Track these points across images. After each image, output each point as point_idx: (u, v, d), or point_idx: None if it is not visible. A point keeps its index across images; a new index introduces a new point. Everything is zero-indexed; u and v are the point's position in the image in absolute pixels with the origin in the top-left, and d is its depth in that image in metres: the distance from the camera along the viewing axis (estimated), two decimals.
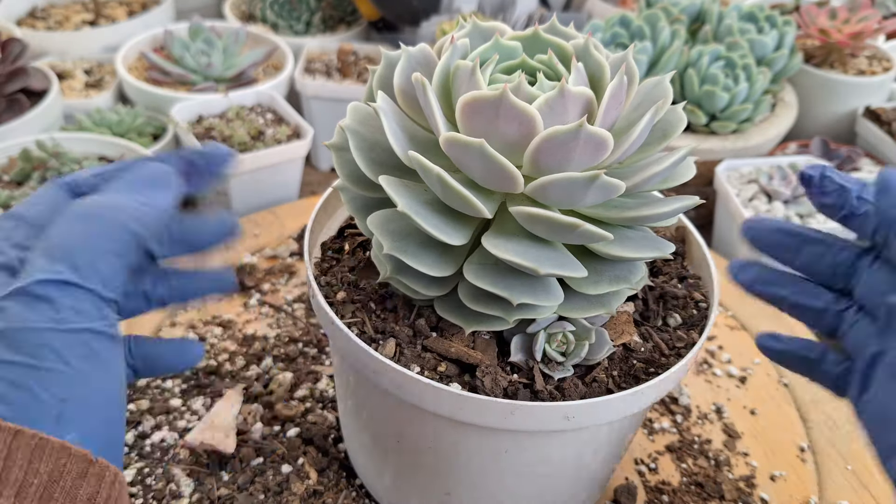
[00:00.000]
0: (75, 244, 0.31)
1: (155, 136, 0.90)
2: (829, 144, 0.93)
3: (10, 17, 1.08)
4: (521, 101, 0.34)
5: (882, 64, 1.03)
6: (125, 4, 1.18)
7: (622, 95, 0.36)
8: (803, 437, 0.61)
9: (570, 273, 0.36)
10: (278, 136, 0.87)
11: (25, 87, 0.85)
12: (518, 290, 0.37)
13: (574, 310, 0.39)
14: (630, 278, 0.39)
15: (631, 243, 0.39)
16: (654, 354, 0.42)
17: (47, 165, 0.73)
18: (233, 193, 0.85)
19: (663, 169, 0.36)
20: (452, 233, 0.37)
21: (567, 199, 0.37)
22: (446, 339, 0.40)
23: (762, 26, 0.93)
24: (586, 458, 0.44)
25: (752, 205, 0.82)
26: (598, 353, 0.40)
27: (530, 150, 0.35)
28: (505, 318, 0.38)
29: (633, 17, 0.91)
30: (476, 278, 0.37)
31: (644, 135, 0.37)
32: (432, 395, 0.37)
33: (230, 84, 0.98)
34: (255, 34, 1.08)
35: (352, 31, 1.18)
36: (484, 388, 0.38)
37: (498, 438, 0.40)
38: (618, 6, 1.17)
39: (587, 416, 0.38)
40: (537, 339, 0.39)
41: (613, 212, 0.38)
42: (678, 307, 0.46)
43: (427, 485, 0.46)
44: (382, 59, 0.41)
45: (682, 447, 0.59)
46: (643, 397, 0.39)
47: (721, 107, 0.86)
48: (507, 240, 0.37)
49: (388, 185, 0.36)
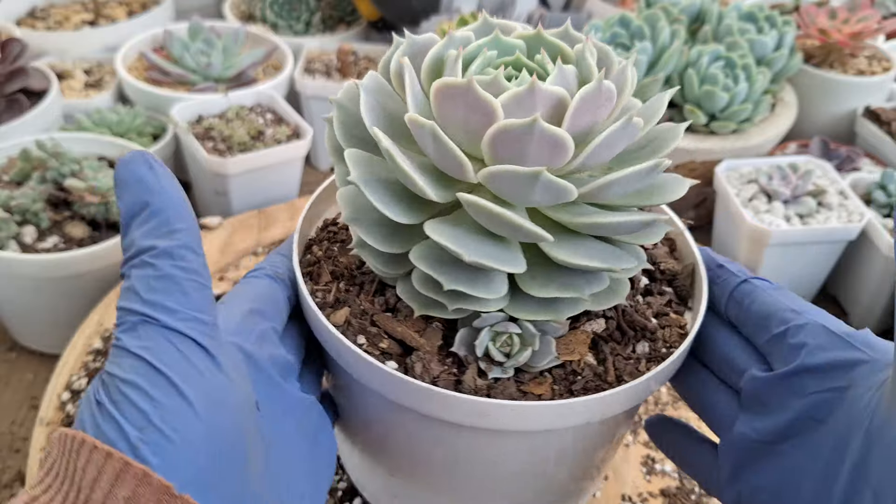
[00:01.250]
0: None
1: (155, 137, 0.90)
2: (828, 144, 0.93)
3: (9, 17, 1.08)
4: (485, 91, 0.34)
5: (882, 64, 1.03)
6: (125, 4, 1.18)
7: (600, 101, 0.35)
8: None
9: (499, 265, 0.36)
10: (278, 136, 0.87)
11: (25, 87, 0.85)
12: (452, 277, 0.37)
13: (521, 310, 0.39)
14: (583, 288, 0.38)
15: (582, 251, 0.37)
16: (599, 381, 0.40)
17: (47, 165, 0.73)
18: (232, 193, 0.85)
19: (623, 177, 0.35)
20: (400, 212, 0.37)
21: (514, 194, 0.36)
22: (398, 320, 0.41)
23: (762, 26, 0.93)
24: (511, 464, 0.43)
25: (752, 205, 0.82)
26: (540, 362, 0.39)
27: (485, 141, 0.35)
28: (447, 305, 0.38)
29: (633, 17, 0.91)
30: (417, 258, 0.37)
31: (614, 143, 0.36)
32: (365, 369, 0.39)
33: (230, 84, 0.98)
34: (254, 34, 1.08)
35: (351, 31, 1.18)
36: (413, 372, 0.38)
37: (427, 424, 0.40)
38: (617, 6, 1.17)
39: (501, 417, 0.37)
40: (480, 335, 0.39)
41: (575, 217, 0.38)
42: (648, 337, 0.43)
43: (376, 460, 0.48)
44: (393, 45, 0.41)
45: (677, 494, 0.55)
46: (563, 413, 0.37)
47: (721, 107, 0.86)
48: (452, 226, 0.37)
49: (349, 157, 0.37)
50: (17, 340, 0.77)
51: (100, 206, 0.72)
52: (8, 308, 0.73)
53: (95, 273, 0.70)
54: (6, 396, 0.72)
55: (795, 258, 0.81)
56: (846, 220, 0.79)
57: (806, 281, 0.84)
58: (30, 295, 0.70)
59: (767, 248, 0.78)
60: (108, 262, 0.70)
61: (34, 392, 0.73)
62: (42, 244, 0.70)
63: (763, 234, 0.77)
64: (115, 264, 0.71)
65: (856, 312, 0.86)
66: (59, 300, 0.71)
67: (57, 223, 0.72)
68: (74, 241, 0.71)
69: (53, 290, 0.70)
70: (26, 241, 0.69)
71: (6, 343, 0.78)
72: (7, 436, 0.68)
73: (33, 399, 0.72)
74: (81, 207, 0.72)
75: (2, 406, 0.71)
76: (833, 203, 0.82)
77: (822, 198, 0.82)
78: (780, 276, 0.82)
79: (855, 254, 0.83)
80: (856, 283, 0.85)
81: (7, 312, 0.74)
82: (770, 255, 0.79)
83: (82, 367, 0.62)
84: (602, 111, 0.36)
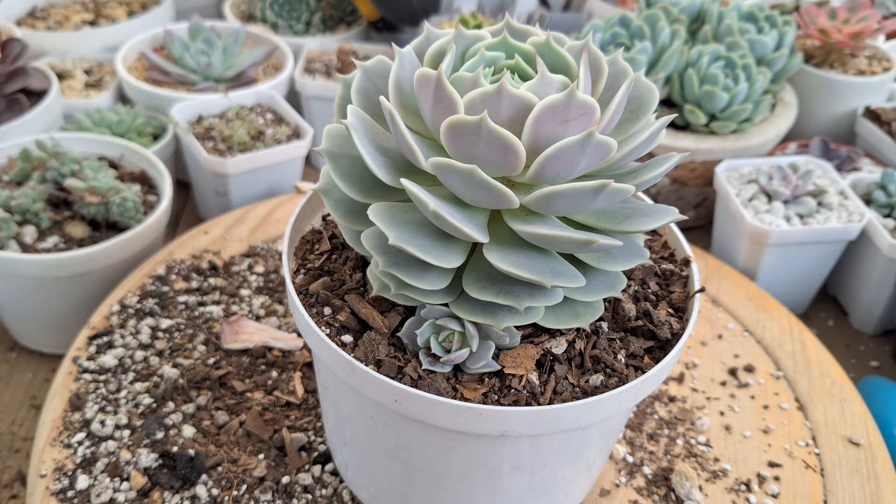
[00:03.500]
0: None
1: (155, 136, 0.90)
2: (828, 144, 0.93)
3: (9, 17, 1.08)
4: (450, 85, 0.35)
5: (882, 64, 1.03)
6: (125, 4, 1.18)
7: (570, 113, 0.35)
8: None
9: (426, 256, 0.36)
10: (278, 136, 0.87)
11: (25, 87, 0.85)
12: (391, 261, 0.37)
13: (463, 310, 0.39)
14: (521, 298, 0.37)
15: (514, 258, 0.37)
16: (530, 399, 0.40)
17: (47, 165, 0.73)
18: (232, 193, 0.85)
19: (561, 191, 0.35)
20: (358, 190, 0.39)
21: (460, 190, 0.37)
22: (366, 299, 0.42)
23: (762, 26, 0.93)
24: (458, 463, 0.43)
25: (752, 205, 0.82)
26: (475, 364, 0.40)
27: (441, 133, 0.36)
28: (392, 288, 0.39)
29: (633, 17, 0.91)
30: (365, 237, 0.39)
31: (570, 157, 0.35)
32: (315, 340, 0.41)
33: (230, 84, 0.98)
34: (254, 34, 1.08)
35: (352, 31, 1.18)
36: (362, 350, 0.40)
37: (361, 399, 0.41)
38: (618, 6, 1.17)
39: (414, 406, 0.38)
40: (423, 326, 0.40)
41: (517, 225, 0.37)
42: (607, 373, 0.42)
43: (335, 429, 0.50)
44: (357, 70, 0.42)
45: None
46: (468, 416, 0.37)
47: (721, 107, 0.86)
48: (400, 211, 0.38)
49: (327, 131, 0.39)
50: (17, 340, 0.77)
51: (100, 206, 0.72)
52: (8, 308, 0.73)
53: (95, 273, 0.70)
54: (6, 396, 0.72)
55: (795, 258, 0.81)
56: (846, 221, 0.79)
57: (806, 281, 0.84)
58: (30, 295, 0.70)
59: (767, 247, 0.78)
60: (109, 262, 0.70)
61: (34, 392, 0.73)
62: (42, 244, 0.70)
63: (763, 235, 0.77)
64: (114, 264, 0.71)
65: (856, 312, 0.86)
66: (59, 300, 0.71)
67: (57, 223, 0.72)
68: (74, 241, 0.71)
69: (53, 290, 0.70)
70: (26, 241, 0.69)
71: (6, 343, 0.78)
72: (7, 436, 0.68)
73: (33, 399, 0.72)
74: (81, 207, 0.72)
75: (2, 406, 0.71)
76: (833, 203, 0.81)
77: (822, 198, 0.82)
78: (781, 277, 0.82)
79: (855, 254, 0.83)
80: (856, 283, 0.85)
81: (7, 312, 0.74)
82: (770, 255, 0.79)
83: (139, 287, 0.66)
84: (575, 125, 0.35)
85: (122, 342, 0.64)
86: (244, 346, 0.63)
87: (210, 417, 0.58)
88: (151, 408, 0.59)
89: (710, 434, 0.61)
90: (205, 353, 0.64)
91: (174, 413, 0.58)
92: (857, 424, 0.62)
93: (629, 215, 0.39)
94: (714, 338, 0.70)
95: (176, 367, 0.62)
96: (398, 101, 0.38)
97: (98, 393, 0.59)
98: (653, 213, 0.39)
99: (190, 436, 0.56)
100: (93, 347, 0.63)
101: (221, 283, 0.71)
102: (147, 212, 0.75)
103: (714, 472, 0.58)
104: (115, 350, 0.63)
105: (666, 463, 0.58)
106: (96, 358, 0.62)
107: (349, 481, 0.53)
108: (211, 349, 0.64)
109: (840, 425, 0.62)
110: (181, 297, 0.69)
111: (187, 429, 0.57)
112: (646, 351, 0.44)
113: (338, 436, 0.50)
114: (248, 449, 0.56)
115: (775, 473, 0.58)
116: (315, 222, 0.51)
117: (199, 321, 0.67)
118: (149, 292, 0.69)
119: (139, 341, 0.64)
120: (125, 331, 0.65)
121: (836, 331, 0.87)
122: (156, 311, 0.67)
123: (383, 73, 0.41)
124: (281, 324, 0.67)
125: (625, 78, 0.39)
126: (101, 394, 0.59)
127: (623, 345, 0.43)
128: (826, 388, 0.65)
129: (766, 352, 0.69)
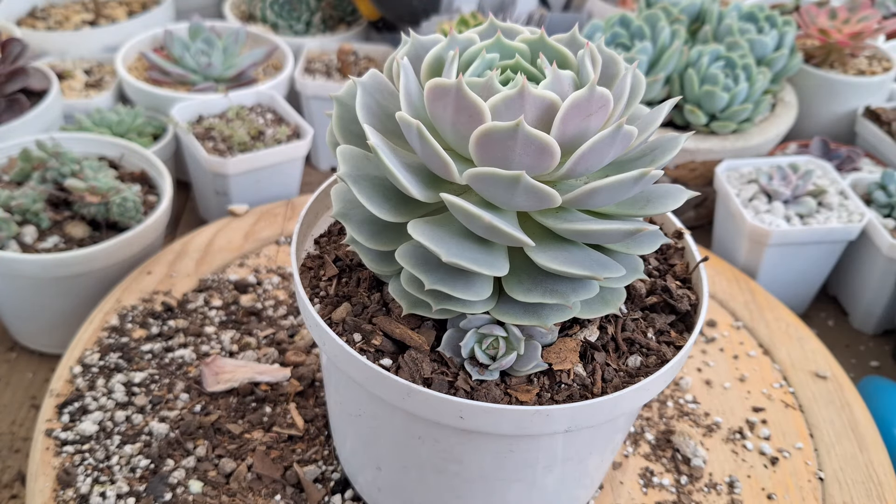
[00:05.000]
0: None
1: (155, 137, 0.90)
2: (828, 144, 0.93)
3: (10, 17, 1.08)
4: (473, 93, 0.34)
5: (882, 64, 1.03)
6: (125, 4, 1.18)
7: (592, 107, 0.35)
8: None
9: (479, 268, 0.36)
10: (278, 136, 0.87)
11: (25, 87, 0.85)
12: (436, 277, 0.37)
13: (506, 314, 0.39)
14: (568, 295, 0.38)
15: (564, 257, 0.37)
16: (585, 391, 0.40)
17: (47, 165, 0.73)
18: (232, 193, 0.85)
19: (607, 185, 0.35)
20: (387, 210, 0.38)
21: (498, 198, 0.37)
22: (395, 320, 0.41)
23: (762, 26, 0.93)
24: (496, 467, 0.43)
25: (753, 205, 0.82)
26: (524, 366, 0.40)
27: (471, 143, 0.35)
28: (432, 304, 0.38)
29: (633, 17, 0.91)
30: (401, 256, 0.38)
31: (602, 150, 0.35)
32: (359, 370, 0.39)
33: (230, 84, 0.98)
34: (255, 34, 1.08)
35: (352, 31, 1.18)
36: (403, 371, 0.39)
37: (411, 421, 0.40)
38: (618, 6, 1.17)
39: (480, 419, 0.37)
40: (466, 337, 0.39)
41: (559, 224, 0.38)
42: (642, 352, 0.43)
43: (364, 452, 0.48)
44: (401, 44, 0.41)
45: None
46: (537, 420, 0.38)
47: (721, 107, 0.86)
48: (437, 227, 0.37)
49: (341, 153, 0.39)
50: (17, 340, 0.77)
51: (100, 206, 0.72)
52: (8, 308, 0.73)
53: (95, 273, 0.70)
54: (6, 396, 0.72)
55: (796, 258, 0.81)
56: (846, 221, 0.79)
57: (806, 281, 0.84)
58: (30, 295, 0.70)
59: (768, 247, 0.78)
60: (108, 262, 0.70)
61: (34, 392, 0.73)
62: (42, 244, 0.70)
63: (763, 235, 0.77)
64: (114, 264, 0.71)
65: (856, 313, 0.86)
66: (59, 300, 0.71)
67: (57, 223, 0.72)
68: (74, 241, 0.71)
69: (53, 290, 0.70)
70: (26, 241, 0.69)
71: (6, 343, 0.78)
72: (7, 436, 0.68)
73: (33, 399, 0.72)
74: (81, 207, 0.72)
75: (2, 406, 0.71)
76: (833, 203, 0.81)
77: (822, 198, 0.82)
78: (781, 276, 0.82)
79: (855, 254, 0.83)
80: (856, 283, 0.85)
81: (7, 312, 0.74)
82: (770, 254, 0.79)
83: (96, 343, 0.64)
84: (596, 118, 0.36)
85: (96, 405, 0.59)
86: (229, 387, 0.60)
87: (214, 467, 0.55)
88: (150, 469, 0.54)
89: (695, 391, 0.64)
90: (188, 400, 0.59)
91: (176, 470, 0.54)
92: (819, 359, 0.68)
93: (649, 199, 0.40)
94: None
95: (163, 421, 0.57)
96: (412, 114, 0.37)
97: (87, 464, 0.54)
98: (668, 194, 0.40)
99: (199, 490, 0.53)
100: (65, 416, 0.57)
101: (182, 324, 0.66)
102: (147, 212, 0.75)
103: (709, 427, 0.61)
104: (91, 415, 0.57)
105: (664, 426, 0.61)
106: (73, 427, 0.57)
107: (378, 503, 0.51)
108: (194, 395, 0.60)
109: (804, 362, 0.68)
110: (144, 345, 0.64)
111: (194, 484, 0.53)
112: (670, 325, 0.45)
113: (369, 460, 0.48)
114: (263, 492, 0.53)
115: (762, 417, 0.62)
116: (308, 246, 0.50)
117: (171, 368, 0.62)
118: (108, 346, 0.63)
119: (115, 401, 0.59)
120: (96, 392, 0.60)
121: (836, 331, 0.87)
122: (122, 365, 0.62)
123: (380, 88, 0.40)
124: (259, 356, 0.63)
125: (614, 65, 0.39)
126: (91, 464, 0.54)
127: (648, 323, 0.45)
128: (783, 330, 0.71)
129: (721, 305, 0.74)
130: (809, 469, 0.58)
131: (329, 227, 0.51)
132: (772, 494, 0.56)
